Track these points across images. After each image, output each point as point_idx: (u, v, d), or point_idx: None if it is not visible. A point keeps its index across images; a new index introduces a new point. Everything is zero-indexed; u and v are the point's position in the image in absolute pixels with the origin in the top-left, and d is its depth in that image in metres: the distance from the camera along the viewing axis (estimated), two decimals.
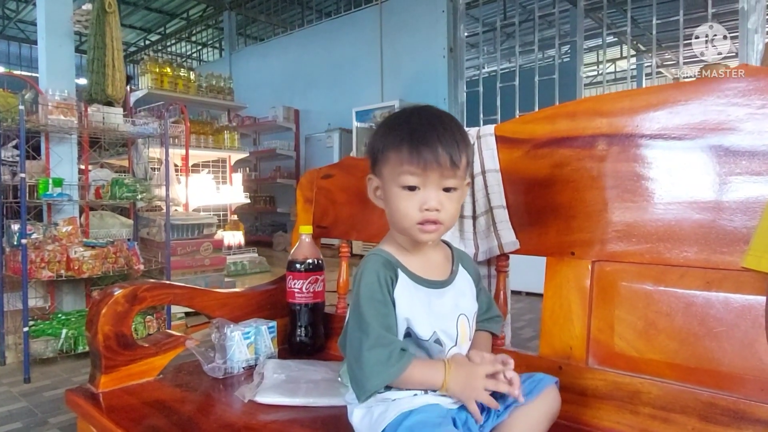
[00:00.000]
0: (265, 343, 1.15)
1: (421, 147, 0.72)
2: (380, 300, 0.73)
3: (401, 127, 0.75)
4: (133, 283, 1.09)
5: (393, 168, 0.75)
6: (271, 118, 7.29)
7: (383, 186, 0.78)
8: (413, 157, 0.72)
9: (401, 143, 0.73)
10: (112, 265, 2.65)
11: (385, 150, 0.76)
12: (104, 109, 2.87)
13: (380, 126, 0.80)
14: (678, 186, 0.81)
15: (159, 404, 0.95)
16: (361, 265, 0.78)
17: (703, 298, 0.78)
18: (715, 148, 0.78)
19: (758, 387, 0.71)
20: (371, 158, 0.80)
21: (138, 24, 11.23)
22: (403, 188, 0.74)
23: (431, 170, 0.72)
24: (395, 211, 0.76)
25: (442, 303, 0.78)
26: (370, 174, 0.81)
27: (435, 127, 0.74)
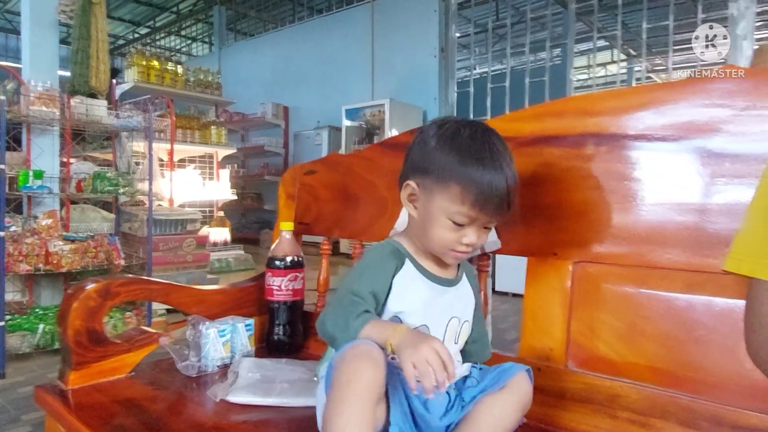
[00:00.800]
0: (241, 341, 1.13)
1: (489, 200, 0.70)
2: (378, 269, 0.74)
3: (474, 165, 0.71)
4: (107, 277, 1.06)
5: (449, 201, 0.72)
6: (259, 114, 7.24)
7: (426, 203, 0.75)
8: (476, 205, 0.71)
9: (469, 182, 0.70)
10: (91, 260, 2.60)
11: (447, 177, 0.72)
12: (87, 101, 2.81)
13: (445, 140, 0.74)
14: (662, 187, 0.80)
15: (129, 403, 0.92)
16: (371, 248, 0.79)
17: (685, 301, 0.77)
18: (699, 150, 0.77)
19: (738, 393, 0.70)
20: (420, 166, 0.76)
21: (127, 17, 11.09)
22: (450, 220, 0.72)
23: (488, 215, 0.72)
24: (431, 234, 0.75)
25: (440, 301, 0.77)
26: (411, 181, 0.77)
27: (505, 175, 0.72)
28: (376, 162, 1.16)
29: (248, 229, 7.53)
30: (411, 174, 0.78)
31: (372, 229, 1.15)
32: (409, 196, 0.78)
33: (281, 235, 1.20)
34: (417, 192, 0.76)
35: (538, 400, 0.86)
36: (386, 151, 1.15)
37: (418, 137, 0.79)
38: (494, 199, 0.71)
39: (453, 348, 0.79)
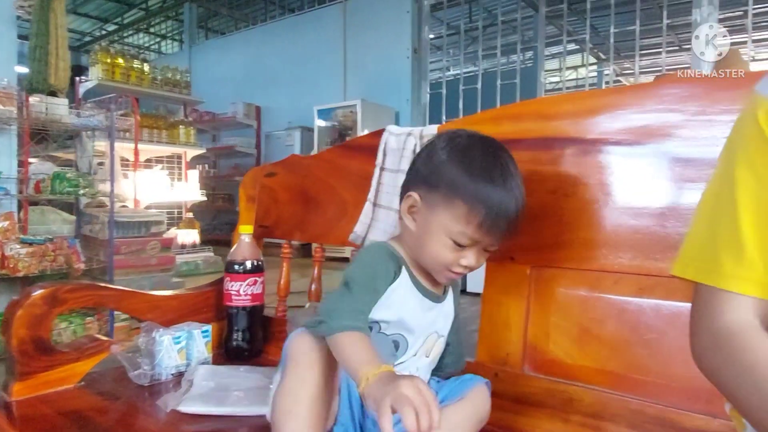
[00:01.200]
0: (197, 348, 1.10)
1: (496, 223, 0.68)
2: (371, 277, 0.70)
3: (485, 184, 0.68)
4: (54, 283, 1.02)
5: (454, 219, 0.68)
6: (230, 114, 7.13)
7: (427, 218, 0.71)
8: (482, 228, 0.68)
9: (478, 205, 0.67)
10: (50, 264, 2.51)
11: (454, 194, 0.68)
12: (47, 99, 2.71)
13: (456, 154, 0.71)
14: (617, 191, 0.81)
15: (76, 414, 0.89)
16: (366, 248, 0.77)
17: (635, 304, 0.78)
18: (652, 154, 0.78)
19: (685, 396, 0.71)
20: (426, 179, 0.72)
21: (94, 13, 10.79)
22: (451, 239, 0.69)
23: (492, 238, 0.69)
24: (428, 251, 0.72)
25: (426, 316, 0.75)
26: (414, 192, 0.73)
27: (516, 197, 0.69)
28: (336, 164, 1.14)
29: (219, 230, 7.41)
30: (414, 185, 0.74)
31: (333, 231, 1.14)
32: (410, 208, 0.74)
33: (240, 239, 1.17)
34: (418, 205, 0.73)
35: (496, 405, 0.85)
36: (346, 153, 1.13)
37: (426, 148, 0.76)
38: (502, 223, 0.68)
39: (424, 360, 0.77)
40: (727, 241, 0.53)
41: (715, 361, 0.52)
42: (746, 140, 0.54)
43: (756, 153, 0.52)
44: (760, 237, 0.51)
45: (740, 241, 0.52)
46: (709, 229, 0.56)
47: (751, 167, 0.53)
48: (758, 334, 0.50)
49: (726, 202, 0.54)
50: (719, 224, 0.54)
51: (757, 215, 0.52)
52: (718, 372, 0.52)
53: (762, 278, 0.51)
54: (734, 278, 0.52)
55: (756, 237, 0.51)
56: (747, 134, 0.54)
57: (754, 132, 0.53)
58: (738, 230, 0.52)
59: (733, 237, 0.53)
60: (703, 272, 0.54)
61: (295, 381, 0.63)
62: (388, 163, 1.04)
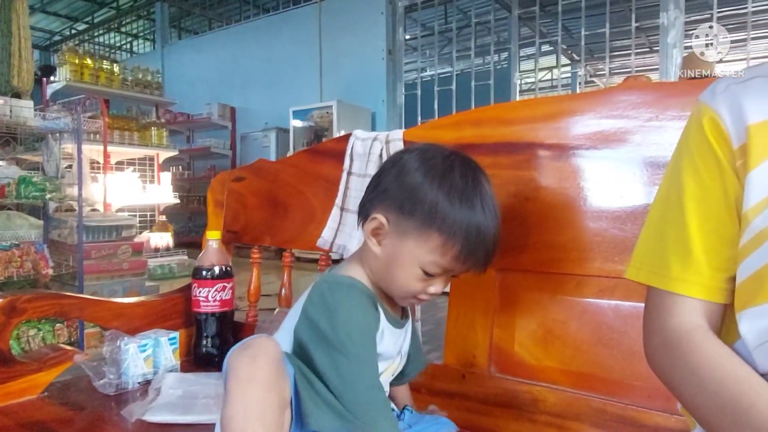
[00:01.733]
0: (165, 355, 1.08)
1: (473, 254, 0.64)
2: (372, 341, 0.66)
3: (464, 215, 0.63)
4: (12, 293, 0.99)
5: (428, 251, 0.64)
6: (205, 115, 7.05)
7: (395, 245, 0.66)
8: (458, 259, 0.64)
9: (455, 237, 0.63)
10: (17, 270, 2.45)
11: (430, 224, 0.63)
12: (11, 101, 2.65)
13: (433, 179, 0.64)
14: (575, 195, 0.82)
15: (38, 426, 0.87)
16: (338, 291, 0.66)
17: (596, 306, 0.80)
18: (608, 159, 0.80)
19: (645, 394, 0.73)
20: (397, 202, 0.65)
21: (63, 12, 10.54)
22: (421, 270, 0.65)
23: (462, 270, 0.66)
24: (395, 281, 0.67)
25: (392, 341, 0.72)
26: (380, 215, 0.66)
27: (495, 227, 0.66)
28: (304, 169, 1.14)
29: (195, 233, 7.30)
30: (381, 207, 0.67)
31: (301, 237, 1.13)
32: (374, 230, 0.68)
33: (208, 245, 1.16)
34: (385, 228, 0.66)
35: (464, 406, 0.87)
36: (313, 158, 1.13)
37: (395, 166, 0.68)
38: (480, 252, 0.65)
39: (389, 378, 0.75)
40: (675, 245, 0.55)
41: (664, 362, 0.54)
42: (692, 148, 0.56)
43: (700, 160, 0.54)
44: (706, 242, 0.53)
45: (687, 246, 0.54)
46: (659, 234, 0.57)
47: (696, 174, 0.54)
48: (704, 335, 0.52)
49: (675, 208, 0.56)
50: (668, 229, 0.56)
51: (702, 221, 0.54)
52: (668, 372, 0.53)
53: (708, 281, 0.53)
54: (682, 281, 0.54)
55: (702, 242, 0.53)
56: (693, 142, 0.56)
57: (700, 140, 0.55)
58: (685, 235, 0.54)
59: (681, 242, 0.54)
60: (654, 276, 0.56)
61: (240, 398, 0.58)
62: (355, 167, 1.04)
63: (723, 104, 0.53)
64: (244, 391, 0.58)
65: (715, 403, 0.47)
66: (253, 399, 0.58)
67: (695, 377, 0.50)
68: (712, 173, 0.53)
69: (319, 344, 0.64)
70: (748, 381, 0.47)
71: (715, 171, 0.53)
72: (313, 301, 0.67)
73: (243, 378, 0.59)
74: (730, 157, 0.52)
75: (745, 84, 0.53)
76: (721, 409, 0.46)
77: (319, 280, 0.70)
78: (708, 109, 0.54)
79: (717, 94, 0.54)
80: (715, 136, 0.53)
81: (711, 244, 0.53)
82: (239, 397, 0.58)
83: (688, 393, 0.51)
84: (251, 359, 0.59)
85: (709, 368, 0.49)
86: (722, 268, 0.53)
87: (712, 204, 0.53)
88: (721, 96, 0.54)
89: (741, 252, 0.52)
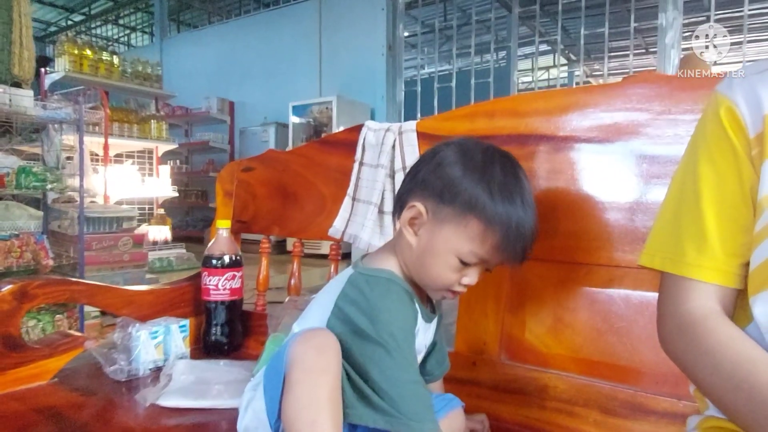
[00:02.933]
0: (175, 342, 1.09)
1: (512, 244, 0.64)
2: (413, 338, 0.67)
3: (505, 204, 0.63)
4: (24, 278, 0.99)
5: (466, 238, 0.64)
6: (204, 109, 7.02)
7: (433, 233, 0.66)
8: (497, 248, 0.64)
9: (496, 224, 0.63)
10: (16, 260, 2.44)
11: (470, 211, 0.63)
12: (11, 90, 2.63)
13: (474, 169, 0.65)
14: (587, 186, 0.84)
15: (50, 410, 0.87)
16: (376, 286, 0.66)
17: (606, 294, 0.81)
18: (620, 151, 0.81)
19: (653, 380, 0.75)
20: (437, 191, 0.66)
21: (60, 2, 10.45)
22: (458, 258, 0.65)
23: (499, 261, 0.66)
24: (430, 271, 0.66)
25: (425, 337, 0.72)
26: (419, 203, 0.66)
27: (533, 218, 0.66)
28: (314, 159, 1.15)
29: (192, 227, 7.29)
30: (419, 196, 0.67)
31: (310, 227, 1.14)
32: (411, 220, 0.68)
33: (218, 234, 1.17)
34: (423, 218, 0.66)
35: (474, 392, 0.89)
36: (324, 148, 1.14)
37: (432, 158, 0.69)
38: (518, 245, 0.64)
39: None
40: (690, 232, 0.56)
41: (679, 345, 0.55)
42: (709, 137, 0.57)
43: (716, 149, 0.56)
44: (721, 228, 0.55)
45: (703, 232, 0.55)
46: (674, 221, 0.59)
47: (712, 163, 0.56)
48: (718, 319, 0.53)
49: (690, 196, 0.57)
50: (684, 216, 0.58)
51: (718, 208, 0.55)
52: (683, 355, 0.55)
53: (723, 266, 0.55)
54: (697, 267, 0.55)
55: (717, 228, 0.55)
56: (709, 131, 0.57)
57: (716, 129, 0.56)
58: (701, 222, 0.55)
59: (697, 228, 0.56)
60: (669, 262, 0.58)
61: (309, 389, 0.58)
62: (367, 158, 1.05)
63: (740, 94, 0.54)
64: (316, 383, 0.58)
65: (731, 384, 0.49)
66: (324, 390, 0.58)
67: (710, 359, 0.51)
68: (727, 161, 0.55)
69: (359, 340, 0.64)
70: (762, 362, 0.48)
71: (731, 159, 0.55)
72: (350, 296, 0.66)
73: (313, 369, 0.58)
74: (745, 145, 0.54)
75: (763, 74, 0.54)
76: (737, 388, 0.48)
77: (354, 273, 0.69)
78: (725, 98, 0.56)
79: (734, 85, 0.56)
80: (731, 125, 0.55)
81: (726, 230, 0.55)
82: (309, 387, 0.58)
83: (702, 375, 0.52)
84: (319, 351, 0.59)
85: (724, 350, 0.51)
86: (737, 254, 0.55)
87: (727, 191, 0.55)
88: (738, 86, 0.55)
89: (756, 238, 0.53)
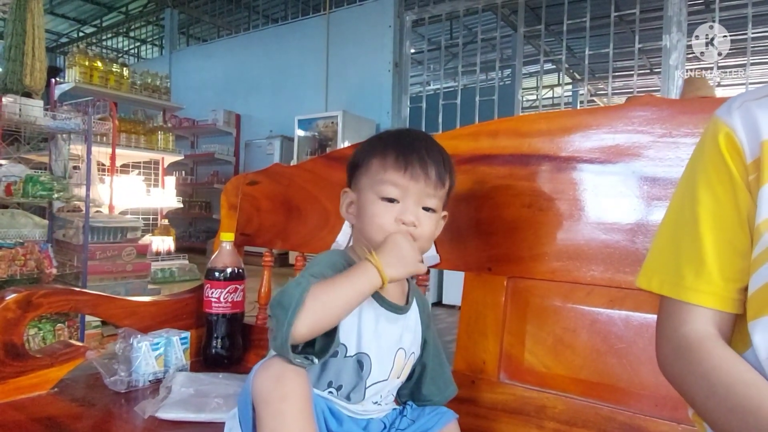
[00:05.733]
0: (176, 354, 1.09)
1: (408, 154, 0.70)
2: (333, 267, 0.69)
3: (388, 138, 0.75)
4: (28, 287, 1.00)
5: (374, 176, 0.72)
6: (210, 121, 7.09)
7: (359, 198, 0.75)
8: (399, 164, 0.70)
9: (386, 149, 0.72)
10: (20, 268, 2.46)
11: (367, 158, 0.74)
12: (21, 100, 2.67)
13: (364, 141, 0.79)
14: (588, 207, 0.84)
15: (49, 421, 0.87)
16: (322, 253, 0.75)
17: (606, 315, 0.81)
18: (622, 172, 0.82)
19: (652, 402, 0.74)
20: (349, 171, 0.78)
21: (72, 14, 10.62)
22: (382, 199, 0.71)
23: (415, 181, 0.70)
24: (369, 222, 0.72)
25: (389, 330, 0.72)
26: (346, 188, 0.78)
27: (423, 140, 0.74)
28: (318, 174, 1.16)
29: (195, 238, 7.32)
30: (347, 185, 0.79)
31: (314, 241, 1.15)
32: (348, 206, 0.77)
33: (221, 246, 1.17)
34: (351, 195, 0.77)
35: (472, 411, 0.88)
36: (328, 163, 1.15)
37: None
38: (413, 160, 0.70)
39: (395, 382, 0.75)
40: (689, 255, 0.57)
41: (676, 368, 0.55)
42: (707, 162, 0.58)
43: (714, 174, 0.56)
44: (720, 253, 0.55)
45: (701, 257, 0.56)
46: (672, 244, 0.59)
47: (710, 188, 0.56)
48: (715, 343, 0.53)
49: (688, 219, 0.58)
50: (682, 240, 0.58)
51: (716, 233, 0.56)
52: (680, 378, 0.55)
53: (720, 291, 0.55)
54: (695, 291, 0.55)
55: (716, 253, 0.55)
56: (708, 156, 0.58)
57: (714, 154, 0.57)
58: (699, 246, 0.56)
59: (695, 252, 0.56)
60: (667, 284, 0.58)
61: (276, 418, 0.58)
62: None
63: (738, 119, 0.55)
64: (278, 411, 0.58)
65: (725, 406, 0.49)
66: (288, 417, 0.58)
67: (705, 382, 0.51)
68: (725, 187, 0.55)
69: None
70: (755, 385, 0.49)
71: (728, 184, 0.55)
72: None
73: (272, 399, 0.59)
74: (743, 171, 0.54)
75: (761, 101, 0.55)
76: (731, 411, 0.48)
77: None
78: (723, 124, 0.56)
79: (733, 110, 0.56)
80: (729, 150, 0.55)
81: (724, 255, 0.55)
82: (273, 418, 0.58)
83: (699, 398, 0.52)
84: (276, 380, 0.60)
85: (719, 374, 0.51)
86: (735, 279, 0.55)
87: (725, 217, 0.55)
88: (737, 111, 0.56)
89: (754, 263, 0.53)
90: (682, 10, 4.43)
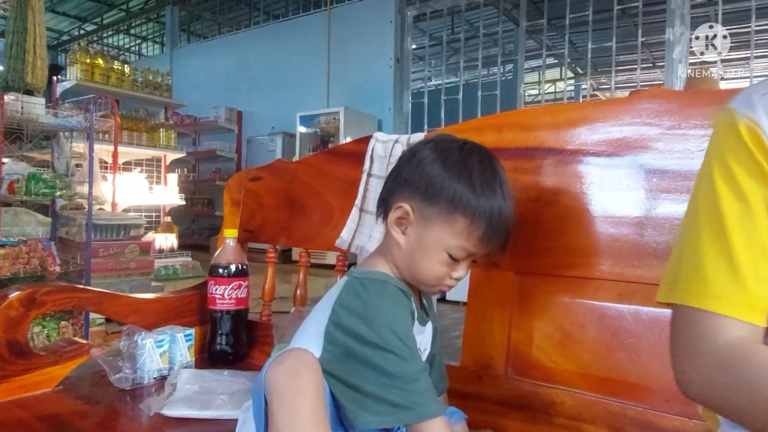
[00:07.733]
0: (180, 351, 1.08)
1: (495, 235, 0.67)
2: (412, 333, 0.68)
3: (486, 198, 0.67)
4: (32, 285, 1.00)
5: (453, 235, 0.67)
6: (212, 118, 7.09)
7: (421, 232, 0.68)
8: (481, 241, 0.67)
9: (479, 219, 0.66)
10: (23, 266, 2.46)
11: (455, 209, 0.66)
12: (23, 98, 2.66)
13: (453, 165, 0.68)
14: (596, 201, 0.83)
15: (54, 418, 0.87)
16: (371, 287, 0.67)
17: (615, 310, 0.80)
18: (629, 165, 0.81)
19: (662, 398, 0.73)
20: (421, 191, 0.68)
21: (72, 12, 10.62)
22: (447, 254, 0.67)
23: (484, 252, 0.69)
24: (423, 269, 0.69)
25: (419, 340, 0.72)
26: (405, 204, 0.69)
27: (511, 208, 0.69)
28: (322, 170, 1.15)
29: (198, 235, 7.33)
30: (403, 196, 0.69)
31: (318, 237, 1.14)
32: (398, 220, 0.70)
33: (225, 243, 1.17)
34: (411, 217, 0.69)
35: (480, 407, 0.88)
36: (332, 159, 1.14)
37: (412, 157, 0.71)
38: (500, 235, 0.68)
39: None
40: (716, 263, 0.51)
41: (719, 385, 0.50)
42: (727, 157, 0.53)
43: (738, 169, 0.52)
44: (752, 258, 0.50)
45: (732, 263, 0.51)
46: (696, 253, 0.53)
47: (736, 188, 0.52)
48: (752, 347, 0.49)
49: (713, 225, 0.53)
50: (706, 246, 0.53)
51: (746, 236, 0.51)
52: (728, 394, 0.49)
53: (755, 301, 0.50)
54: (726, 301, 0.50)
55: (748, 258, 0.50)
56: (728, 151, 0.53)
57: (737, 148, 0.52)
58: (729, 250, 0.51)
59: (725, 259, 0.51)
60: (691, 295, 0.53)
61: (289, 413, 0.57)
62: (375, 169, 1.05)
63: (762, 112, 0.51)
64: (292, 407, 0.58)
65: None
66: (302, 412, 0.57)
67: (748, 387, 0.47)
68: (754, 186, 0.51)
69: (358, 345, 0.64)
70: None
71: (759, 183, 0.51)
72: (345, 301, 0.67)
73: (287, 394, 0.58)
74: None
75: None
76: None
77: (349, 278, 0.70)
78: (744, 116, 0.52)
79: (754, 103, 0.52)
80: (755, 145, 0.51)
81: (756, 260, 0.50)
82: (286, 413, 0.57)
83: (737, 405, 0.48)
84: (291, 374, 0.59)
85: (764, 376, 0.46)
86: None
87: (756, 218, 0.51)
88: (759, 104, 0.52)
89: None
90: (685, 3, 4.40)
